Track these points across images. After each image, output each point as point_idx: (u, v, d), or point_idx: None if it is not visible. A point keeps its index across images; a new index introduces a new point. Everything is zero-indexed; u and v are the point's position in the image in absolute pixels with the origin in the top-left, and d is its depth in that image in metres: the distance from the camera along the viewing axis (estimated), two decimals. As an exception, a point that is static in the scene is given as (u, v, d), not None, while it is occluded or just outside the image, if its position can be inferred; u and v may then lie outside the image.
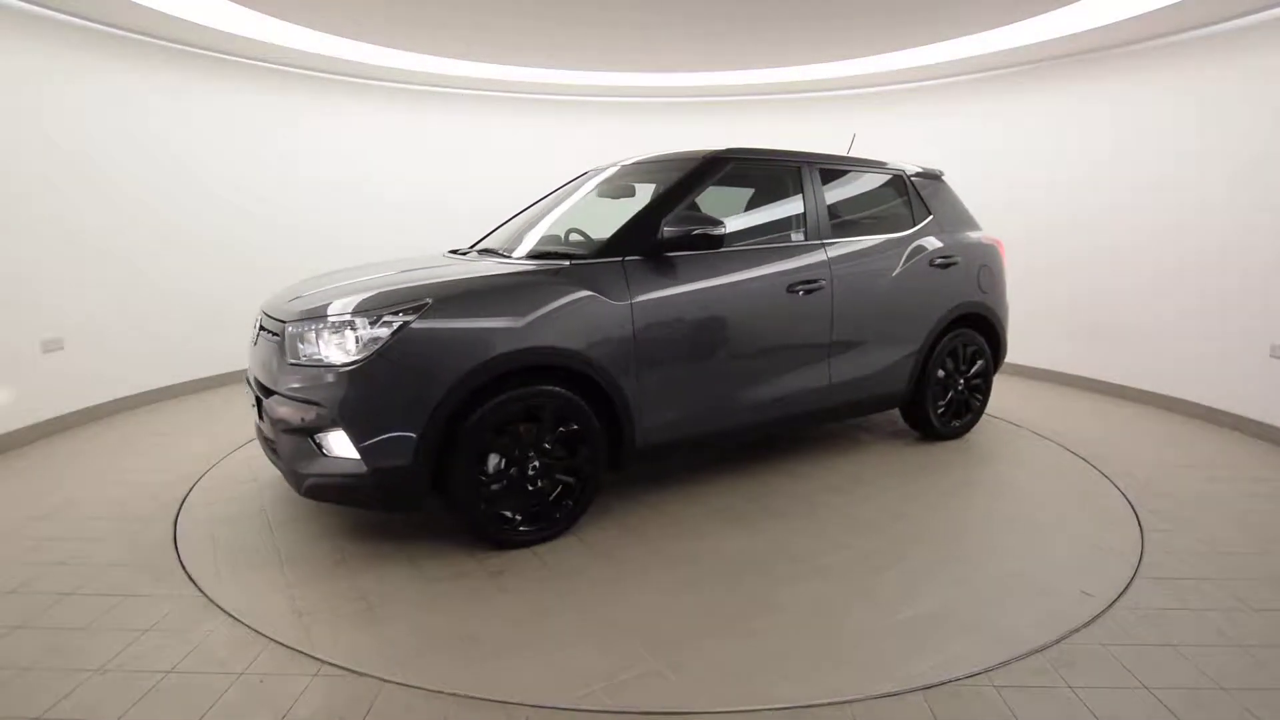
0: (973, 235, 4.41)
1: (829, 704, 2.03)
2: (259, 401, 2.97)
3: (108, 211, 4.99)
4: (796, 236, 3.76)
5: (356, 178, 6.76)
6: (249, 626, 2.40)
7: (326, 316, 2.78)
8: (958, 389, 4.36)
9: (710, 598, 2.61)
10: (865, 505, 3.44)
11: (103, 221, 4.96)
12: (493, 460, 2.87)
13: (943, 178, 4.50)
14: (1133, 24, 4.85)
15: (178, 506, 3.40)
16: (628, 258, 3.16)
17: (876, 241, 3.97)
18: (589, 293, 2.99)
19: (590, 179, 4.15)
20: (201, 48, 5.55)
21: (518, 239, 3.83)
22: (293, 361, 2.78)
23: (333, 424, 2.68)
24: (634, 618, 2.48)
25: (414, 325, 2.70)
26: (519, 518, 2.96)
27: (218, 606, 2.53)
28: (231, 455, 4.15)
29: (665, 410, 3.22)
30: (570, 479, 3.04)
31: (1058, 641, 2.33)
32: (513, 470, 2.91)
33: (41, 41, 4.54)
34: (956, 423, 4.42)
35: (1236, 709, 2.02)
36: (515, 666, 2.21)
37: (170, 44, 5.35)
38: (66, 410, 4.68)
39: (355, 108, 6.70)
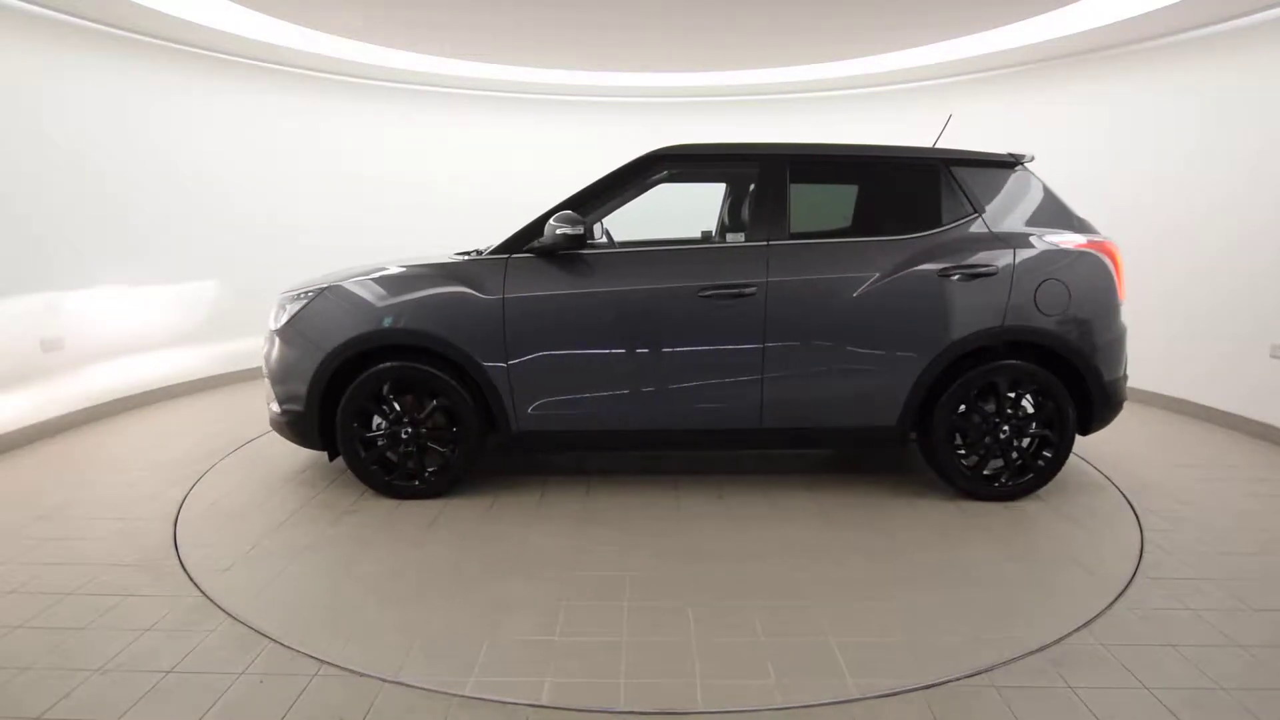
0: (1047, 239, 3.39)
1: (829, 704, 2.03)
2: None
3: (107, 211, 4.99)
4: (735, 237, 3.49)
5: (357, 177, 6.77)
6: (249, 626, 2.40)
7: (282, 294, 3.62)
8: (1000, 437, 3.42)
9: (455, 577, 2.78)
10: (732, 536, 3.11)
11: (102, 221, 4.96)
12: (375, 420, 3.45)
13: (1014, 167, 3.54)
14: (1138, 21, 4.85)
15: (178, 506, 3.41)
16: (516, 255, 3.38)
17: (851, 244, 3.43)
18: (461, 287, 3.33)
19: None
20: (201, 48, 5.55)
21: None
22: (269, 327, 3.58)
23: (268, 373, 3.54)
24: (362, 573, 2.81)
25: (311, 304, 3.41)
26: (394, 473, 3.48)
27: (218, 606, 2.53)
28: (232, 455, 4.15)
29: (544, 402, 3.38)
30: (442, 448, 3.45)
31: (1058, 641, 2.33)
32: (388, 432, 3.43)
33: (41, 41, 4.54)
34: (997, 483, 3.47)
35: (1236, 709, 2.02)
36: (234, 573, 2.79)
37: (170, 44, 5.35)
38: (66, 410, 4.68)
39: (355, 108, 6.70)
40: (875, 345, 3.35)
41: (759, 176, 3.47)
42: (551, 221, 3.26)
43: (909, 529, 3.20)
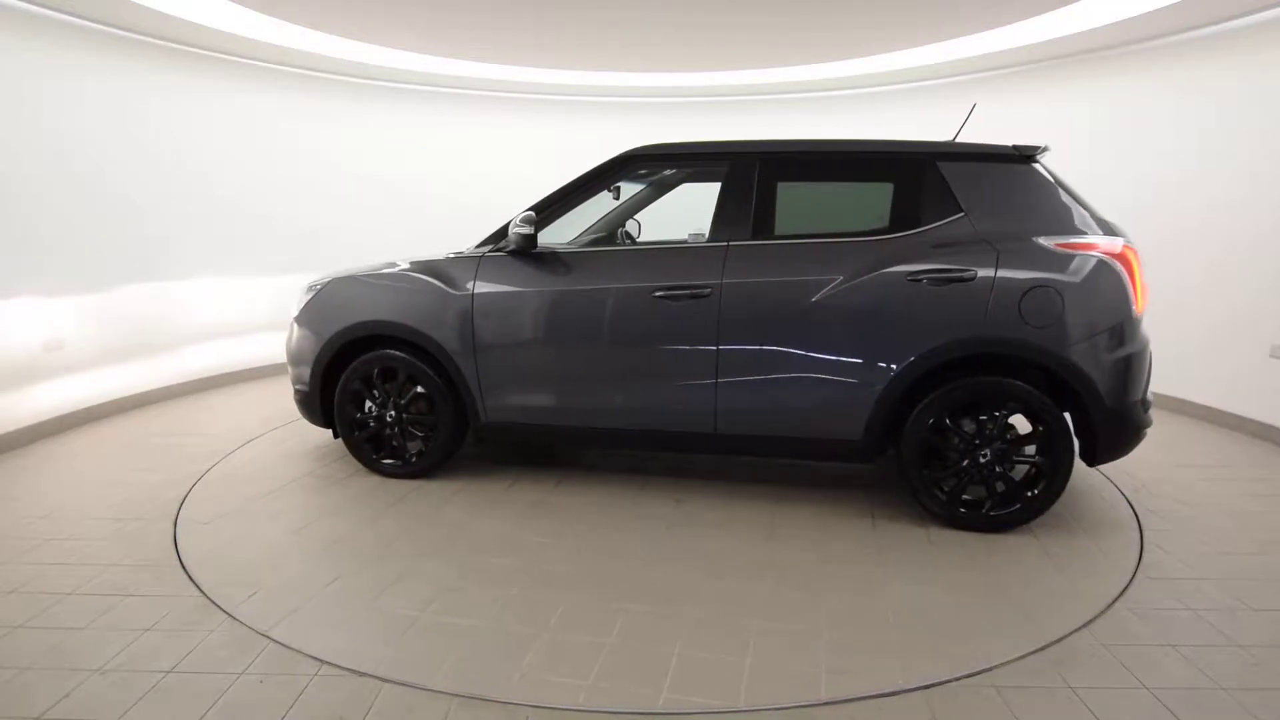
0: (1041, 241, 3.01)
1: (829, 704, 2.03)
2: None
3: (107, 211, 4.99)
4: (699, 238, 3.50)
5: (357, 178, 6.76)
6: (249, 626, 2.40)
7: (306, 285, 3.92)
8: (979, 462, 3.08)
9: (382, 550, 2.96)
10: (665, 540, 3.06)
11: (102, 221, 4.95)
12: (367, 404, 3.71)
13: (1019, 162, 3.15)
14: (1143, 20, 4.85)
15: (178, 506, 3.40)
16: (489, 253, 3.52)
17: (815, 245, 3.22)
18: (438, 283, 3.52)
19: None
20: (201, 48, 5.55)
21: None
22: (293, 315, 3.91)
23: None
24: (308, 538, 3.06)
25: (317, 296, 3.78)
26: (382, 452, 3.76)
27: (217, 606, 2.53)
28: (232, 455, 4.15)
29: (507, 395, 3.51)
30: (422, 433, 3.69)
31: (1058, 641, 2.33)
32: (376, 414, 3.70)
33: (41, 41, 4.54)
34: (966, 510, 3.13)
35: (1236, 709, 2.02)
36: (210, 527, 3.15)
37: (170, 44, 5.35)
38: (67, 410, 4.68)
39: (355, 108, 6.70)
40: (835, 352, 3.13)
41: (727, 175, 3.36)
42: (513, 222, 3.39)
43: (851, 550, 2.97)
